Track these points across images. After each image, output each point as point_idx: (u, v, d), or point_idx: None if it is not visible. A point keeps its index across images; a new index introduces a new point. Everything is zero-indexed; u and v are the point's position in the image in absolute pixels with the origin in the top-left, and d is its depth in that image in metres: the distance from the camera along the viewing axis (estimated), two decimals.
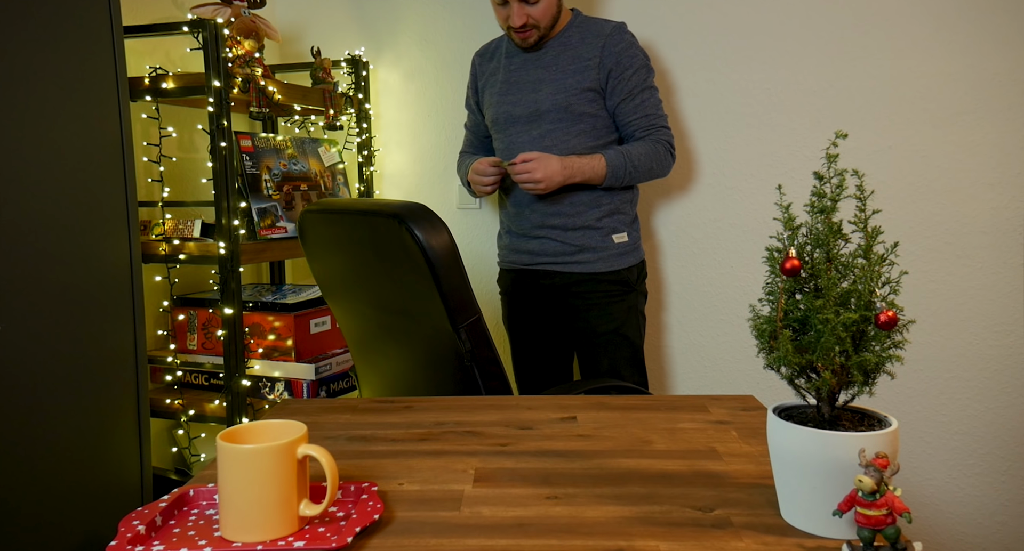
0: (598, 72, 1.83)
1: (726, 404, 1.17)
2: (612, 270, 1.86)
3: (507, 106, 1.90)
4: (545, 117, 1.84)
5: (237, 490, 0.72)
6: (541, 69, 1.87)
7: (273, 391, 1.89)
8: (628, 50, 1.84)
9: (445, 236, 1.27)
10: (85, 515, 1.17)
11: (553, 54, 1.87)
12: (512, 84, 1.90)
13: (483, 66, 2.00)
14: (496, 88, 1.93)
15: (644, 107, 1.86)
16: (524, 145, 1.88)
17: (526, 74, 1.89)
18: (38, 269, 1.10)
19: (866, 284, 0.70)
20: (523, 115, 1.88)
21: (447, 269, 1.26)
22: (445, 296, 1.27)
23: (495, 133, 1.96)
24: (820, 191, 0.74)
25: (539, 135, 1.85)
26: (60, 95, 1.13)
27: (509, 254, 1.96)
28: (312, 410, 1.18)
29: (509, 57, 1.93)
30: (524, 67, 1.90)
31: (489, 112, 1.95)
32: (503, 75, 1.92)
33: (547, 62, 1.87)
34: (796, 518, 0.74)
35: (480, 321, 1.32)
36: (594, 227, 1.85)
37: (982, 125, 1.98)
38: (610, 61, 1.82)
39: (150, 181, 1.88)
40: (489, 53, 2.00)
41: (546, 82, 1.85)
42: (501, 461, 0.94)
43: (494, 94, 1.93)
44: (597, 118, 1.85)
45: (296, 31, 2.37)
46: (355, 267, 1.47)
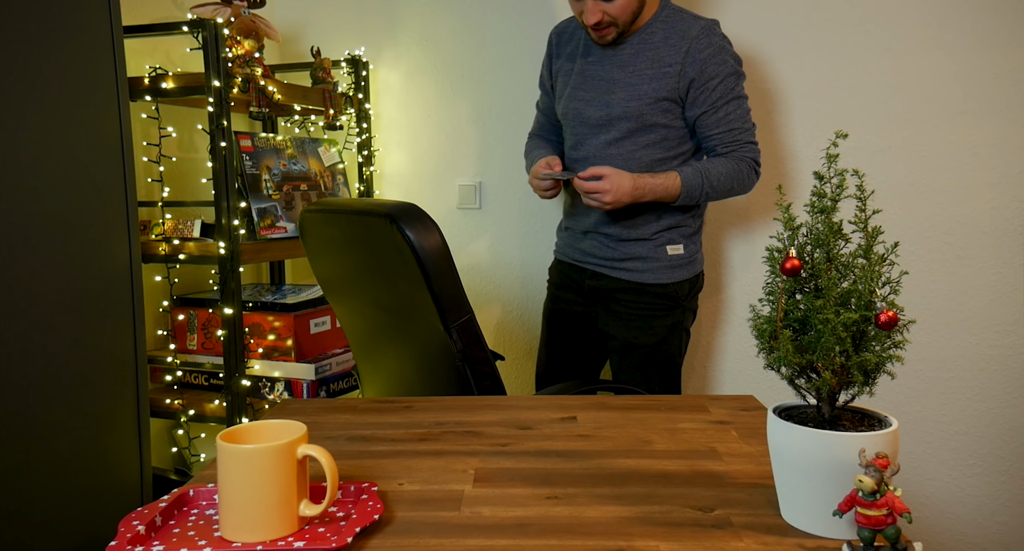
0: (678, 80, 1.66)
1: (726, 404, 1.17)
2: (660, 283, 1.75)
3: (578, 103, 1.76)
4: (616, 124, 1.71)
5: (237, 490, 0.72)
6: (617, 68, 1.71)
7: (273, 391, 1.89)
8: (715, 57, 1.65)
9: (436, 236, 1.27)
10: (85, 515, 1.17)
11: (631, 53, 1.70)
12: (586, 79, 1.75)
13: (561, 47, 1.83)
14: (570, 79, 1.78)
15: (729, 120, 1.69)
16: (592, 148, 1.75)
17: (601, 70, 1.73)
18: (38, 269, 1.10)
19: (866, 284, 0.70)
20: (593, 117, 1.74)
21: (438, 269, 1.27)
22: (436, 296, 1.28)
23: (564, 125, 1.83)
24: (820, 191, 0.74)
25: (607, 142, 1.72)
26: (60, 95, 1.13)
27: (564, 247, 1.90)
28: (312, 410, 1.18)
29: (588, 44, 1.77)
30: (601, 62, 1.74)
31: (560, 103, 1.82)
32: (579, 65, 1.77)
33: (624, 61, 1.70)
34: (796, 518, 0.74)
35: (472, 321, 1.32)
36: (647, 238, 1.75)
37: (982, 125, 1.98)
38: (693, 70, 1.65)
39: (150, 181, 1.88)
40: (569, 33, 1.83)
41: (620, 84, 1.70)
42: (501, 461, 0.94)
43: (566, 85, 1.79)
44: (671, 129, 1.71)
45: (296, 31, 2.37)
46: (353, 267, 1.47)
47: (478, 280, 2.32)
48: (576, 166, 1.78)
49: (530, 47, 2.21)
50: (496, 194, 2.28)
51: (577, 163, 1.78)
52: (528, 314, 2.30)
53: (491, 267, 2.31)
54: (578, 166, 1.76)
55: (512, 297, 2.30)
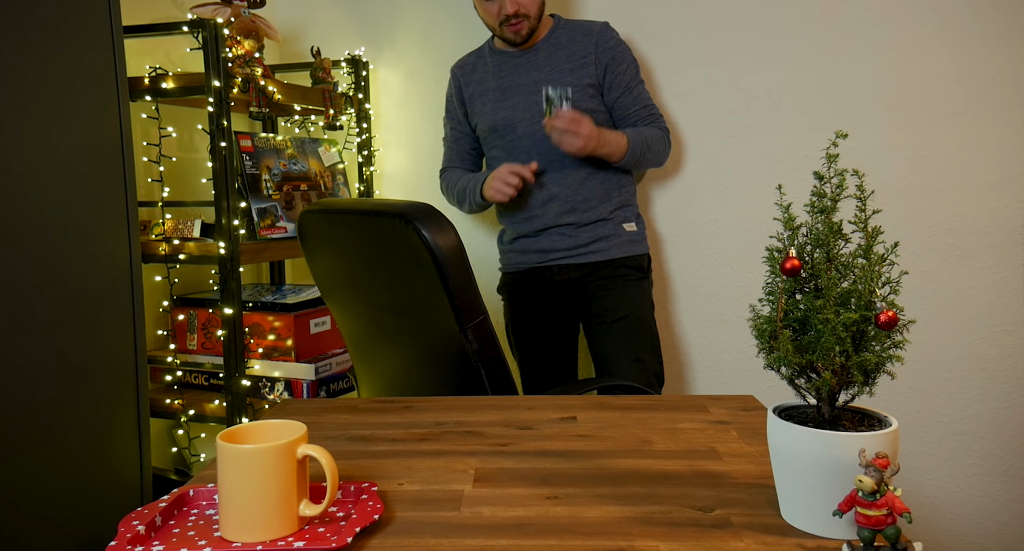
0: (595, 68, 1.86)
1: (726, 404, 1.17)
2: (628, 255, 1.91)
3: (506, 111, 1.89)
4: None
5: (237, 490, 0.72)
6: (536, 70, 1.88)
7: (273, 391, 1.89)
8: (619, 46, 1.89)
9: (452, 236, 1.26)
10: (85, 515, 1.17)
11: (545, 55, 1.88)
12: (507, 89, 1.90)
13: (467, 77, 1.99)
14: (489, 96, 1.92)
15: (642, 98, 1.92)
16: (529, 148, 1.89)
17: (520, 77, 1.89)
18: (38, 269, 1.10)
19: (866, 284, 0.70)
20: (525, 118, 1.87)
21: (454, 269, 1.26)
22: (452, 296, 1.27)
23: (493, 141, 1.94)
24: (820, 191, 0.74)
25: (544, 137, 1.84)
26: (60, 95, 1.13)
27: (516, 256, 1.97)
28: (312, 410, 1.18)
29: (497, 64, 1.93)
30: (517, 71, 1.90)
31: (484, 121, 1.93)
32: (494, 82, 1.92)
33: (541, 63, 1.88)
34: (796, 518, 0.74)
35: (486, 321, 1.32)
36: (606, 218, 1.90)
37: (982, 125, 1.98)
38: (606, 57, 1.86)
39: (150, 181, 1.88)
40: (470, 65, 2.00)
41: (544, 82, 1.85)
42: (501, 461, 0.94)
43: (488, 102, 1.92)
44: (598, 113, 1.87)
45: (296, 31, 2.37)
46: (356, 267, 1.47)
47: (478, 280, 2.32)
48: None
49: None
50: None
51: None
52: None
53: (491, 267, 2.30)
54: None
55: None
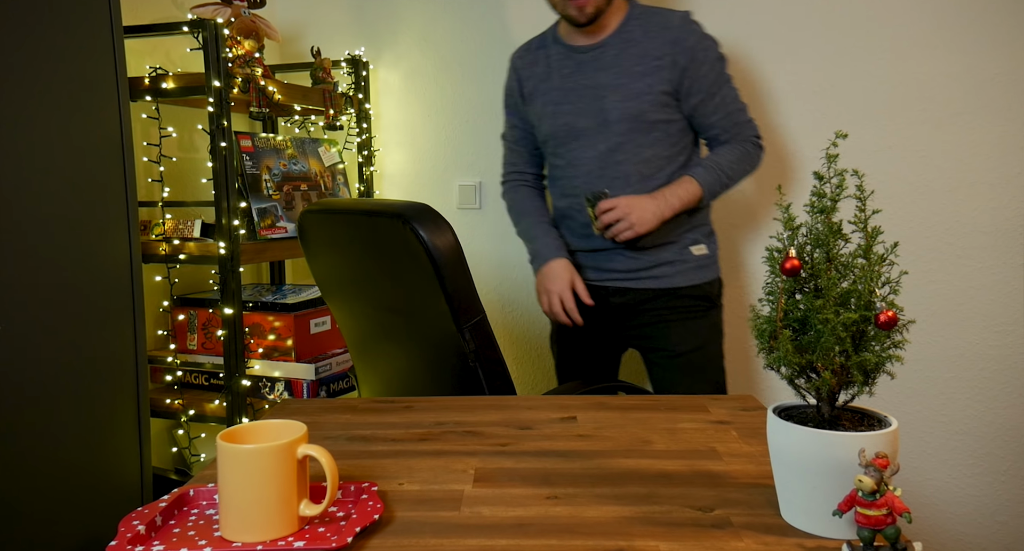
0: (671, 71, 1.60)
1: (726, 404, 1.17)
2: (694, 283, 1.70)
3: (567, 117, 1.66)
4: (613, 128, 1.62)
5: (237, 490, 0.72)
6: (602, 72, 1.63)
7: (273, 391, 1.88)
8: (701, 43, 1.61)
9: (450, 236, 1.27)
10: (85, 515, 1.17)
11: (614, 53, 1.63)
12: (570, 91, 1.66)
13: (528, 69, 1.73)
14: (550, 97, 1.69)
15: (725, 104, 1.65)
16: (590, 162, 1.66)
17: (585, 78, 1.65)
18: (38, 269, 1.10)
19: (866, 284, 0.70)
20: (588, 127, 1.64)
21: (452, 269, 1.26)
22: (450, 296, 1.27)
23: (552, 149, 1.72)
24: (820, 191, 0.74)
25: (607, 150, 1.63)
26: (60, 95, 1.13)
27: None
28: (312, 410, 1.18)
29: (561, 60, 1.68)
30: (582, 70, 1.65)
31: (543, 125, 1.71)
32: (557, 81, 1.68)
33: (608, 63, 1.63)
34: (796, 518, 0.74)
35: (484, 321, 1.32)
36: (672, 241, 1.68)
37: (982, 125, 1.98)
38: (684, 58, 1.60)
39: (150, 181, 1.88)
40: (531, 54, 1.74)
41: (612, 87, 1.61)
42: (501, 461, 0.94)
43: (548, 103, 1.69)
44: (672, 124, 1.64)
45: (296, 31, 2.37)
46: (356, 267, 1.47)
47: (478, 280, 2.32)
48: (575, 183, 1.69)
49: None
50: (496, 194, 2.28)
51: (575, 179, 1.69)
52: (528, 314, 2.30)
53: (491, 267, 2.31)
54: (577, 182, 1.69)
55: (512, 297, 2.30)
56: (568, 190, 1.71)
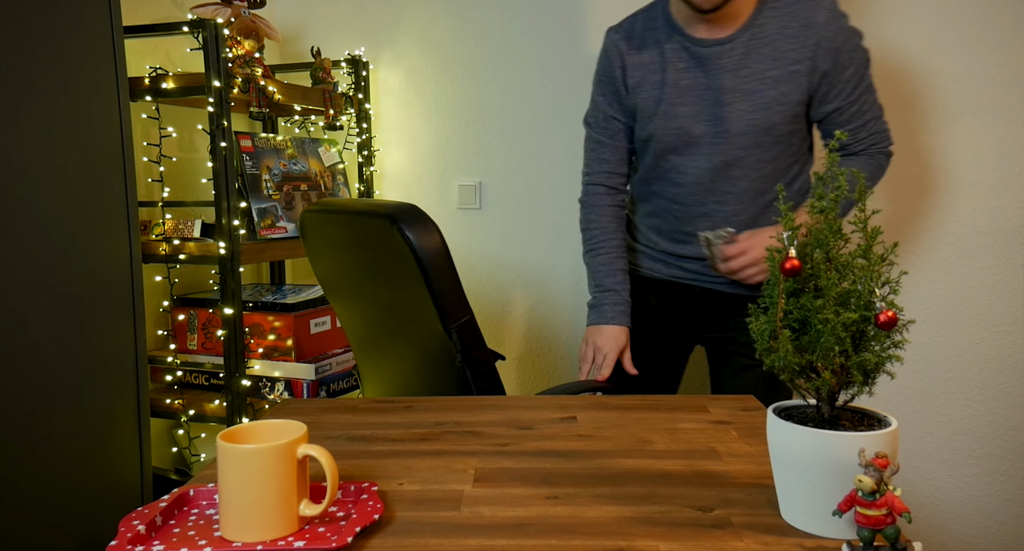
0: (809, 78, 1.37)
1: (726, 404, 1.17)
2: None
3: (682, 121, 1.43)
4: (735, 140, 1.42)
5: (237, 490, 0.72)
6: (727, 73, 1.39)
7: (273, 391, 1.88)
8: (848, 43, 1.38)
9: (436, 237, 1.27)
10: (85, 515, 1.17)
11: (741, 52, 1.38)
12: (686, 91, 1.42)
13: (634, 55, 1.47)
14: (662, 94, 1.44)
15: (863, 113, 1.44)
16: (700, 174, 1.45)
17: (704, 78, 1.41)
18: (38, 269, 1.10)
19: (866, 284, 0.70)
20: (703, 134, 1.43)
21: (438, 270, 1.27)
22: (436, 297, 1.28)
23: (654, 152, 1.49)
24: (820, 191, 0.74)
25: (724, 163, 1.43)
26: (60, 95, 1.13)
27: (650, 262, 1.61)
28: (312, 410, 1.18)
29: (676, 51, 1.43)
30: (702, 68, 1.41)
31: (648, 124, 1.47)
32: (671, 76, 1.43)
33: (734, 63, 1.39)
34: (796, 518, 0.74)
35: (472, 322, 1.32)
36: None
37: (982, 125, 1.98)
38: (826, 63, 1.37)
39: (150, 181, 1.88)
40: (637, 37, 1.47)
41: (737, 93, 1.39)
42: (501, 461, 0.94)
43: (658, 101, 1.45)
44: (796, 134, 1.44)
45: (296, 31, 2.37)
46: (354, 267, 1.47)
47: (478, 280, 2.32)
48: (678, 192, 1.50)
49: (531, 46, 2.20)
50: (496, 194, 2.28)
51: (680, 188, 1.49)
52: (528, 314, 2.30)
53: (491, 267, 2.30)
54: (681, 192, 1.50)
55: (512, 297, 2.30)
56: (667, 195, 1.52)
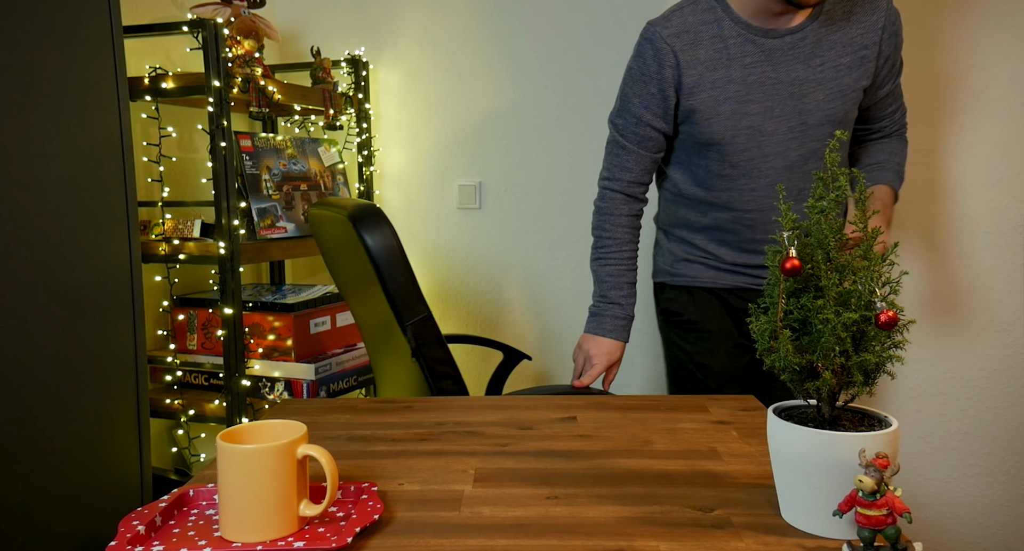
0: (876, 63, 1.36)
1: (726, 404, 1.17)
2: None
3: (753, 118, 1.36)
4: (812, 132, 1.37)
5: (237, 490, 0.72)
6: (801, 64, 1.34)
7: (273, 391, 1.88)
8: (900, 24, 1.39)
9: (388, 236, 1.33)
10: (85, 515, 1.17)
11: (812, 41, 1.34)
12: (755, 86, 1.35)
13: (689, 51, 1.37)
14: (727, 91, 1.36)
15: (897, 95, 1.46)
16: (776, 173, 1.38)
17: (777, 72, 1.35)
18: (38, 269, 1.10)
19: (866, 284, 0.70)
20: (778, 130, 1.36)
21: (391, 268, 1.33)
22: (390, 294, 1.34)
23: (718, 154, 1.41)
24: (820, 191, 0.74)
25: (801, 158, 1.37)
26: (60, 95, 1.13)
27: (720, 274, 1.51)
28: (312, 410, 1.18)
29: (741, 44, 1.35)
30: (772, 61, 1.34)
31: (712, 125, 1.38)
32: (737, 72, 1.35)
33: (807, 53, 1.34)
34: (796, 518, 0.74)
35: (428, 321, 1.36)
36: None
37: (982, 125, 1.98)
38: (889, 47, 1.37)
39: (150, 181, 1.88)
40: (691, 32, 1.37)
41: (813, 84, 1.34)
42: (501, 461, 0.94)
43: (725, 100, 1.36)
44: (853, 121, 1.44)
45: (296, 31, 2.37)
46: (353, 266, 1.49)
47: (478, 280, 2.32)
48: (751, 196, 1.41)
49: (531, 46, 2.21)
50: (496, 194, 2.28)
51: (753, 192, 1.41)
52: (527, 314, 2.30)
53: (491, 267, 2.30)
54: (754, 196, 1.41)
55: (512, 297, 2.30)
56: (737, 204, 1.43)
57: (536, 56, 2.20)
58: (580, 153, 2.22)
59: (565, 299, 2.27)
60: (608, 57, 2.17)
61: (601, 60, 2.17)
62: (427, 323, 1.36)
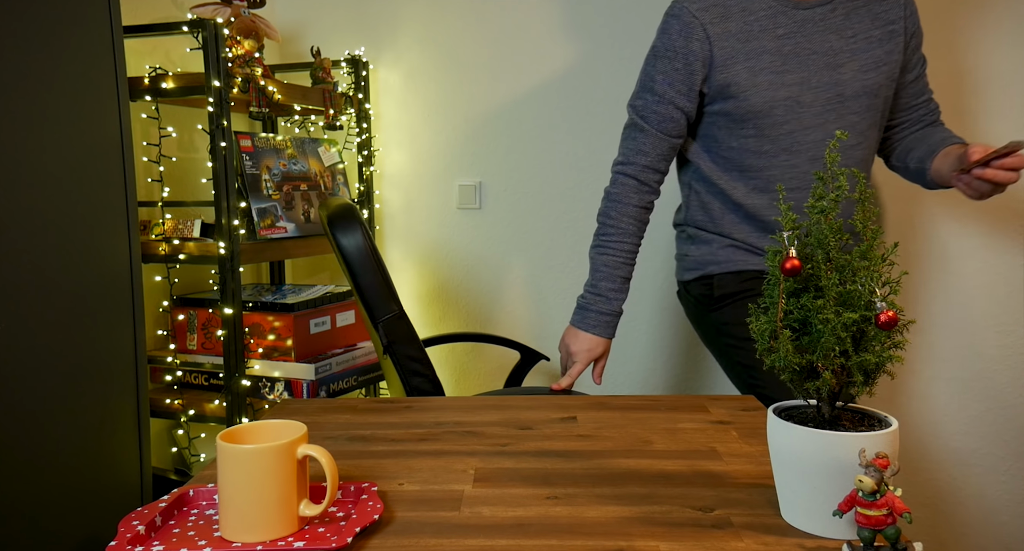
0: (904, 39, 1.38)
1: (726, 404, 1.17)
2: None
3: (790, 89, 1.34)
4: (849, 104, 1.36)
5: (237, 490, 0.72)
6: (833, 34, 1.35)
7: (273, 391, 1.88)
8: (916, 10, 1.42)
9: (358, 235, 1.39)
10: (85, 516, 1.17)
11: (843, 13, 1.36)
12: (790, 57, 1.34)
13: (719, 24, 1.36)
14: (761, 62, 1.34)
15: (927, 85, 1.48)
16: (815, 147, 1.36)
17: (811, 42, 1.35)
18: (38, 269, 1.10)
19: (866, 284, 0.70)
20: (817, 102, 1.35)
21: (361, 267, 1.38)
22: (362, 292, 1.39)
23: (753, 130, 1.38)
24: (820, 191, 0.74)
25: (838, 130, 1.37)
26: (60, 95, 1.13)
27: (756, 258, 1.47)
28: (312, 410, 1.18)
29: (772, 15, 1.35)
30: (804, 31, 1.35)
31: (749, 98, 1.35)
32: (770, 42, 1.34)
33: (838, 24, 1.35)
34: (796, 518, 0.74)
35: (401, 318, 1.40)
36: None
37: (982, 125, 1.98)
38: (913, 24, 1.39)
39: (150, 181, 1.88)
40: (720, 5, 1.37)
41: (848, 54, 1.35)
42: (501, 461, 0.94)
43: (760, 71, 1.34)
44: (886, 104, 1.42)
45: (296, 31, 2.37)
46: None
47: (478, 280, 2.32)
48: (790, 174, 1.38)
49: (531, 46, 2.21)
50: (496, 194, 2.28)
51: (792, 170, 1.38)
52: (527, 314, 2.30)
53: (491, 267, 2.30)
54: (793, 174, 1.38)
55: (512, 297, 2.30)
56: (774, 182, 1.41)
57: (536, 56, 2.20)
58: (580, 153, 2.22)
59: (565, 299, 2.27)
60: (609, 57, 2.17)
61: (602, 60, 2.17)
62: (398, 321, 1.39)
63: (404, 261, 2.35)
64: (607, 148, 2.20)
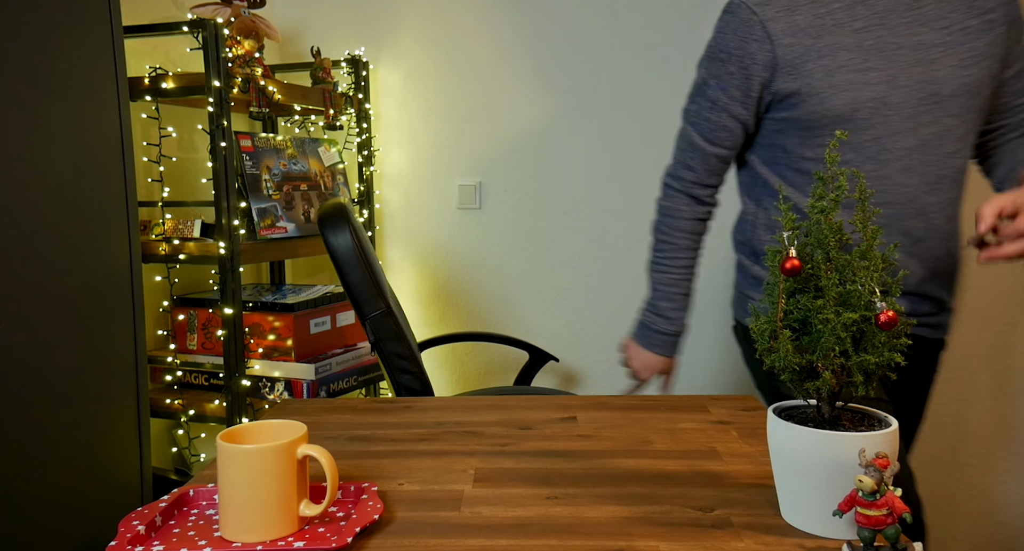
0: (1002, 30, 1.18)
1: (726, 404, 1.17)
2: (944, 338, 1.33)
3: (876, 88, 1.14)
4: (946, 105, 1.15)
5: (237, 490, 0.72)
6: (922, 26, 1.15)
7: (273, 391, 1.88)
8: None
9: (346, 234, 1.42)
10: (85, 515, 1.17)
11: (934, 1, 1.16)
12: (873, 53, 1.14)
13: (784, 19, 1.16)
14: (839, 59, 1.15)
15: None
16: (906, 155, 1.16)
17: (896, 35, 1.15)
18: (38, 269, 1.10)
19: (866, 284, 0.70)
20: (907, 103, 1.15)
21: (349, 265, 1.42)
22: (350, 289, 1.43)
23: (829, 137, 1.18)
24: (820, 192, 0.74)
25: (935, 136, 1.15)
26: (60, 95, 1.13)
27: None
28: (312, 410, 1.18)
29: (848, 7, 1.16)
30: (888, 24, 1.15)
31: (821, 104, 1.15)
32: (848, 38, 1.15)
33: (931, 14, 1.15)
34: (796, 518, 0.74)
35: (388, 316, 1.43)
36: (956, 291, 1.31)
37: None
38: (1013, 12, 1.18)
39: (150, 181, 1.88)
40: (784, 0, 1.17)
41: (942, 48, 1.15)
42: (501, 461, 0.94)
43: (839, 69, 1.15)
44: (986, 103, 1.21)
45: (296, 31, 2.37)
46: None
47: (478, 280, 2.32)
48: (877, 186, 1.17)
49: (531, 46, 2.21)
50: (496, 194, 2.28)
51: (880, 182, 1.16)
52: (527, 314, 2.30)
53: (491, 268, 2.30)
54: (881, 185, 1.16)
55: (512, 297, 2.30)
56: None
57: (537, 56, 2.20)
58: (580, 153, 2.22)
59: (565, 299, 2.27)
60: (609, 57, 2.17)
61: (602, 60, 2.17)
62: (385, 318, 1.42)
63: (404, 261, 2.35)
64: (607, 148, 2.20)
